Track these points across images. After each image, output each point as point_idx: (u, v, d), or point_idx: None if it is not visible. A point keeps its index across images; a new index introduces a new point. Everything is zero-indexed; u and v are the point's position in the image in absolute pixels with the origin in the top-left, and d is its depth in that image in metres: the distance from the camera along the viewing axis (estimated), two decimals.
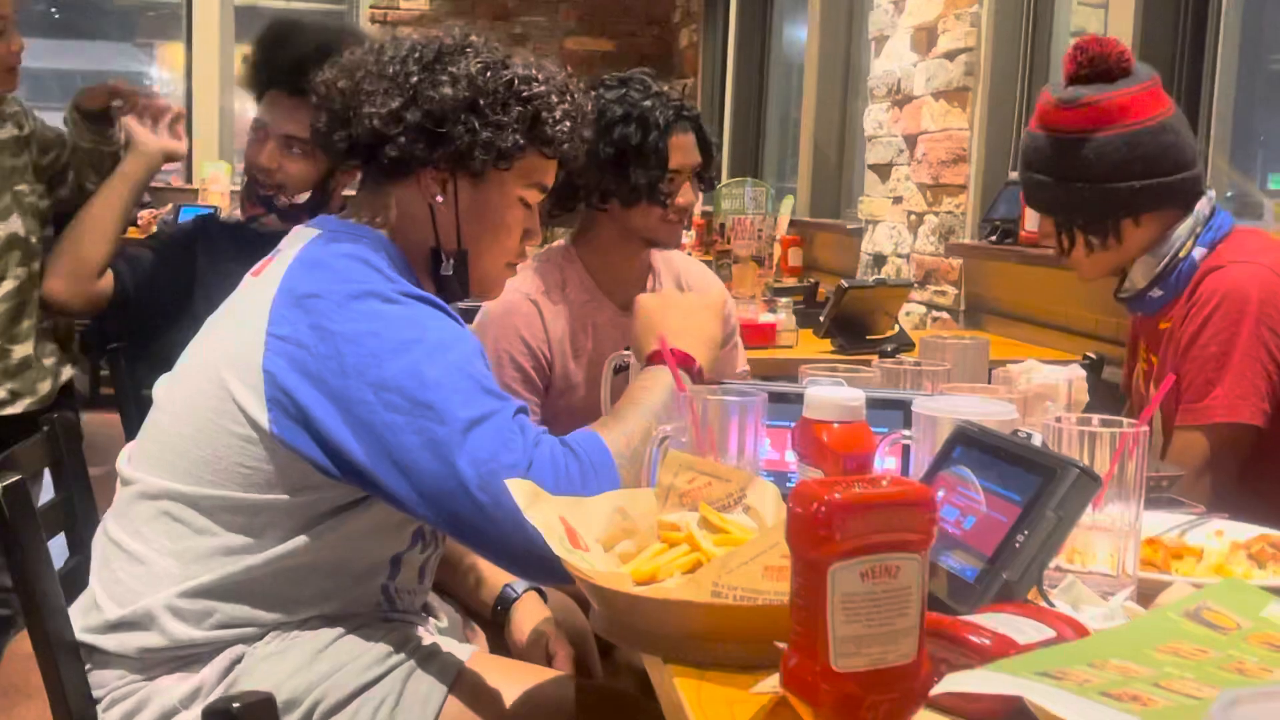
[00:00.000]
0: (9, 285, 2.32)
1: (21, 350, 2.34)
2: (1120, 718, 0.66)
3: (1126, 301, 2.08)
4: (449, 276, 1.51)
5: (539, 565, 1.23)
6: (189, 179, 7.00)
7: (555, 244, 2.35)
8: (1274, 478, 1.95)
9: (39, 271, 2.34)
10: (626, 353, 1.71)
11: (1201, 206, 2.00)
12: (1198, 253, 1.98)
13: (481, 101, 1.46)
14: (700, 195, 2.40)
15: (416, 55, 1.48)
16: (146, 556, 1.38)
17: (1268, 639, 0.82)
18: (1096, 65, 1.97)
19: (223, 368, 1.38)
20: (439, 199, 1.49)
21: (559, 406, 2.18)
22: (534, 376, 2.16)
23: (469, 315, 2.35)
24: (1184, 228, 1.99)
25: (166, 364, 1.52)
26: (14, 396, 2.34)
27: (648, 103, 2.16)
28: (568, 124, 1.52)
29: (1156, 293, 2.02)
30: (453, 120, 1.45)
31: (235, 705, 0.87)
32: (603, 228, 2.25)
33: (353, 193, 1.68)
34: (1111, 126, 1.96)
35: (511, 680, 1.43)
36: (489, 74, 1.48)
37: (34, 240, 2.36)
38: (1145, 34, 3.08)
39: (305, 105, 1.74)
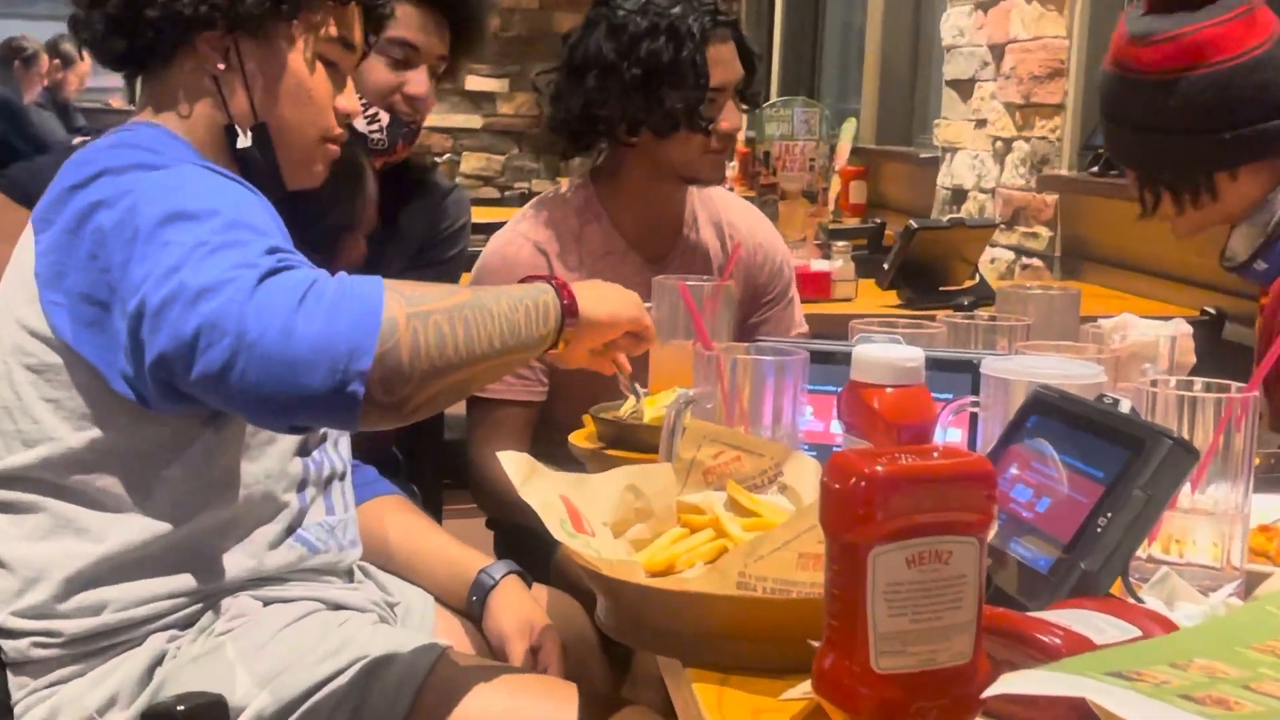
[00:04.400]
0: None
1: None
2: None
3: (1234, 271, 2.09)
4: (252, 155, 1.53)
5: (301, 397, 1.21)
6: None
7: (569, 184, 2.35)
8: None
9: None
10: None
11: None
12: None
13: None
14: (745, 118, 2.40)
15: None
16: (9, 559, 1.44)
17: None
18: None
19: (3, 301, 1.47)
20: (221, 67, 1.52)
21: (568, 378, 2.20)
22: None
23: (469, 263, 2.36)
24: None
25: None
26: None
27: (677, 9, 2.16)
28: None
29: (1261, 265, 2.01)
30: None
31: (180, 709, 0.90)
32: (631, 167, 2.25)
33: None
34: (1196, 67, 1.93)
35: (496, 687, 1.45)
36: None
37: None
38: None
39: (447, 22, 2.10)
